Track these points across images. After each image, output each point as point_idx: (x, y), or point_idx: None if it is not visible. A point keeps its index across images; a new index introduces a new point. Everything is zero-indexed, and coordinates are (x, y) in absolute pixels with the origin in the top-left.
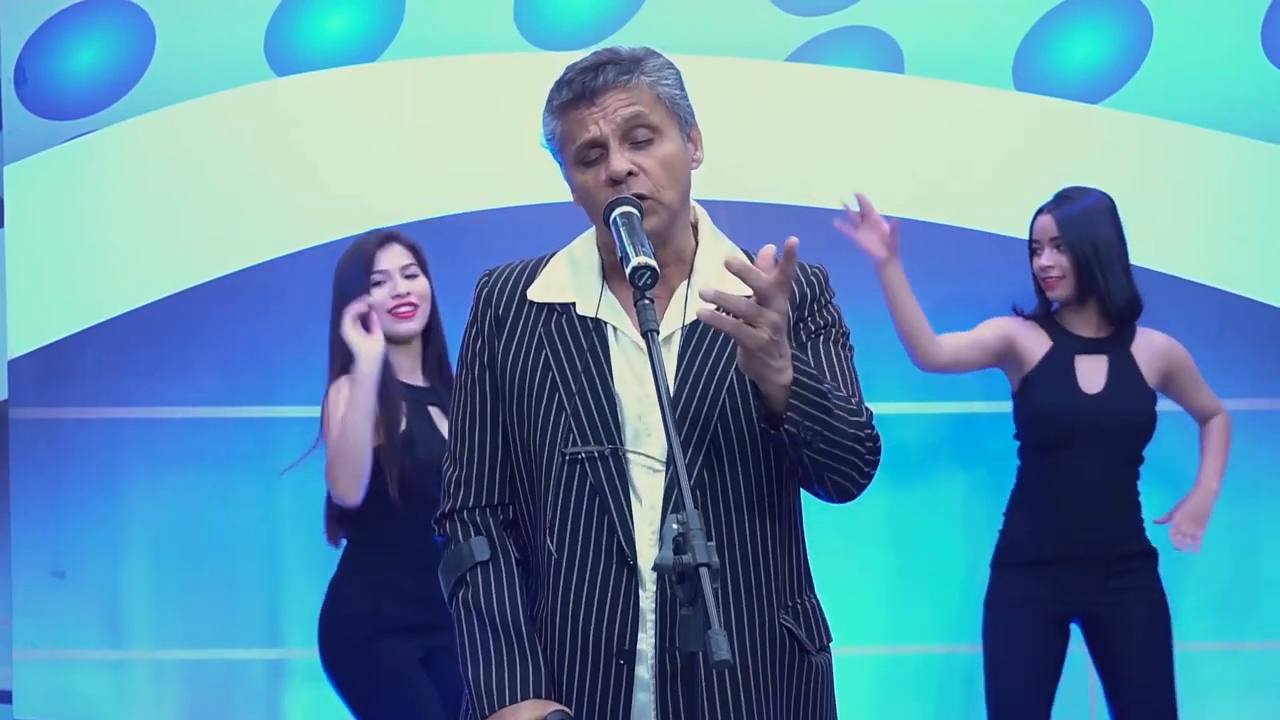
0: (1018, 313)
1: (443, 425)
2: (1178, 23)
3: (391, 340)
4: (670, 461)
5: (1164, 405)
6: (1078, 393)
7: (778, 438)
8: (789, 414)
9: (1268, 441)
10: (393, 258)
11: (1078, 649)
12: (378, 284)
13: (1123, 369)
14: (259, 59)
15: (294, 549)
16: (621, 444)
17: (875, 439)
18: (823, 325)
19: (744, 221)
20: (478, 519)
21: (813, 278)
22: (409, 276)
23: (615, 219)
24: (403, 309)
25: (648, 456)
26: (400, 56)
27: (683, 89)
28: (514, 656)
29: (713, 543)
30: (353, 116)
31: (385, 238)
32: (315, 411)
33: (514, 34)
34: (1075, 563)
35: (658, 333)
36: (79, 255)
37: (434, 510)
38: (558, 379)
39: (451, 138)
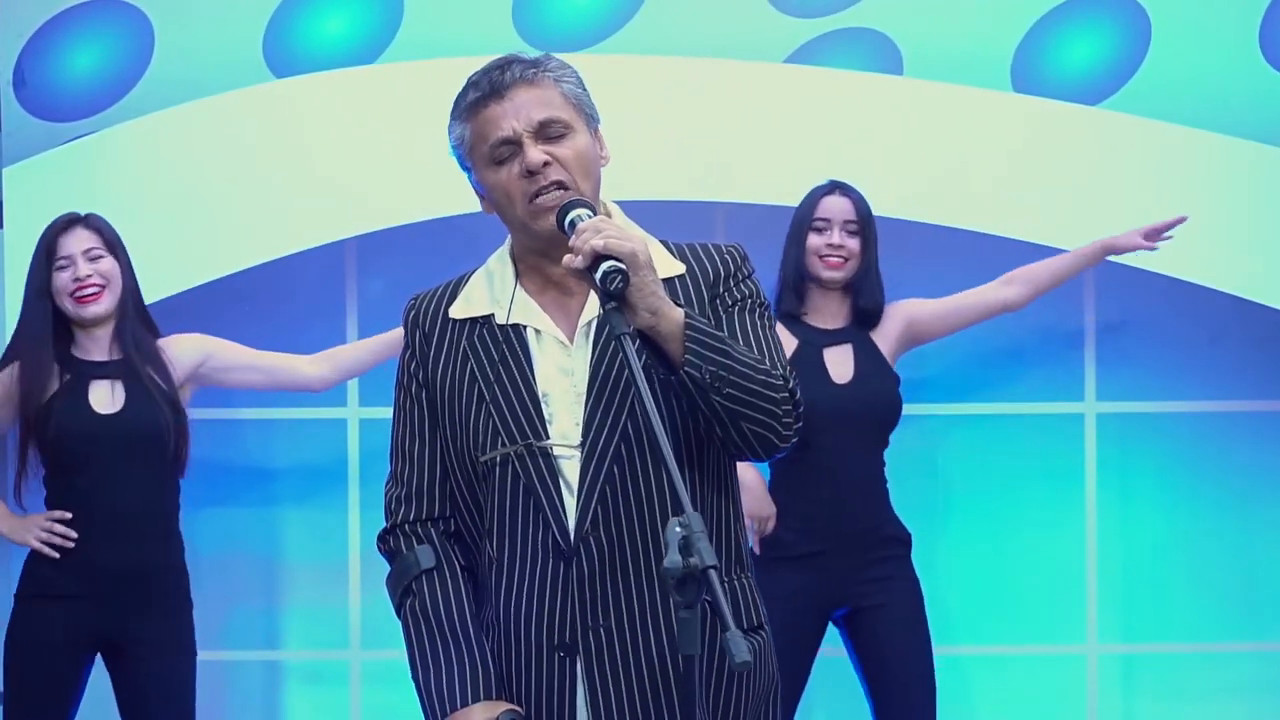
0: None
1: (96, 394)
2: (1176, 25)
3: (80, 324)
4: (582, 445)
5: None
6: (829, 383)
7: (680, 381)
8: (688, 356)
9: (1268, 443)
10: (76, 242)
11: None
12: (61, 269)
13: (867, 356)
14: (258, 61)
15: (292, 551)
16: (546, 439)
17: (793, 393)
18: (739, 298)
19: (742, 222)
20: (419, 530)
21: (727, 256)
22: (93, 259)
23: (574, 219)
24: (84, 292)
25: (565, 445)
26: (399, 58)
27: (585, 89)
28: (463, 660)
29: (704, 532)
30: (351, 118)
31: (68, 222)
32: (316, 413)
33: (512, 36)
34: (836, 554)
35: (629, 336)
36: None
37: (86, 469)
38: (483, 387)
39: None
